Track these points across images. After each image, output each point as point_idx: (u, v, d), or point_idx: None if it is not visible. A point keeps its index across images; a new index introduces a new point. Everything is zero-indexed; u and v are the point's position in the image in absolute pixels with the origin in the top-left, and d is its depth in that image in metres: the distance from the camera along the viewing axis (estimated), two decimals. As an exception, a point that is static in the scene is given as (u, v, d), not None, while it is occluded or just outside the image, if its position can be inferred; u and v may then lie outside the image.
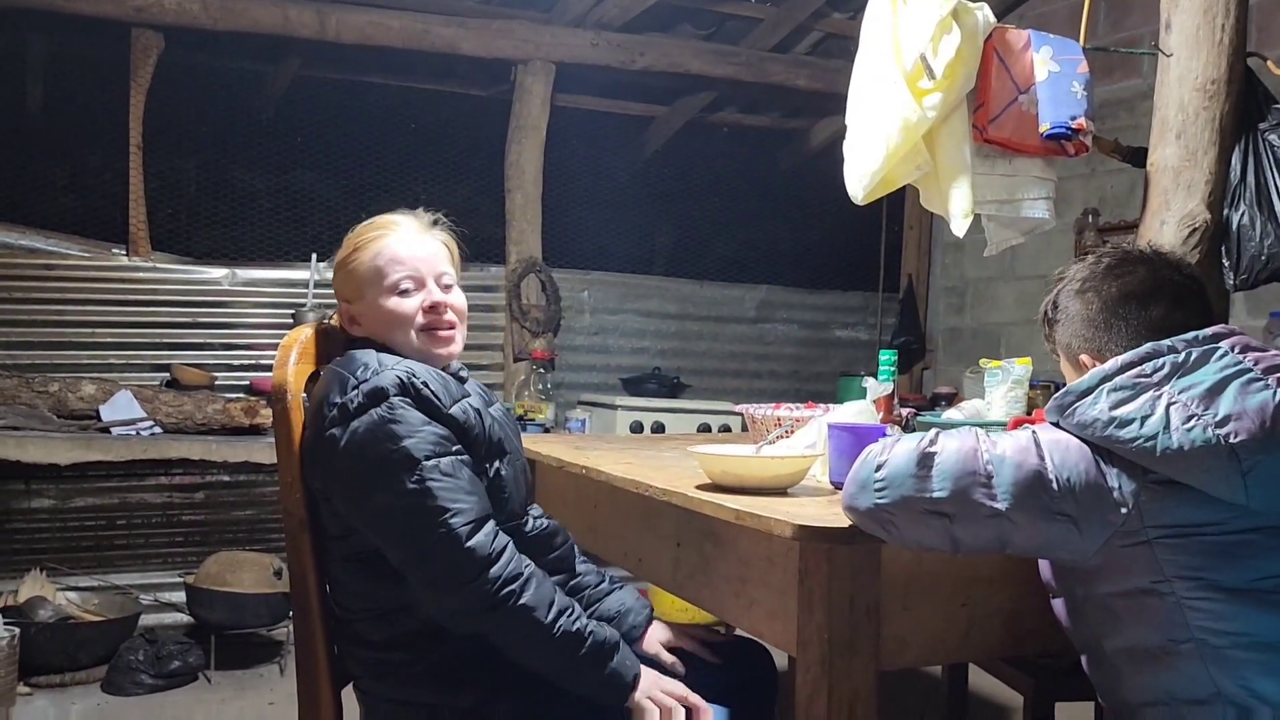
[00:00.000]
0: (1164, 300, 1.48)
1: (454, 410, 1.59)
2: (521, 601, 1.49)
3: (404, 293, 1.68)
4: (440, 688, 1.58)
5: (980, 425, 2.08)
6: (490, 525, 1.51)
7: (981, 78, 2.27)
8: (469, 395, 1.69)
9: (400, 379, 1.54)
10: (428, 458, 1.50)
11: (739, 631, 1.87)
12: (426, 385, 1.57)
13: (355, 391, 1.53)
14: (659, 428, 4.48)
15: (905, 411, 2.25)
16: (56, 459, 3.45)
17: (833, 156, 2.63)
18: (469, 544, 1.47)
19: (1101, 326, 1.51)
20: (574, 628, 1.53)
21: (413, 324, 1.68)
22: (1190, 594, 1.32)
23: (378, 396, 1.52)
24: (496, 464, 1.67)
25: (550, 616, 1.51)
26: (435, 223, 1.79)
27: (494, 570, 1.48)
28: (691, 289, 5.38)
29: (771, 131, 5.75)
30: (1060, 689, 2.35)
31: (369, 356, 1.61)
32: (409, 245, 1.71)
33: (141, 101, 4.14)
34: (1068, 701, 2.37)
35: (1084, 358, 1.54)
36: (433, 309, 1.68)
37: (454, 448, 1.55)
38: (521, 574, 1.50)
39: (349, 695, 1.66)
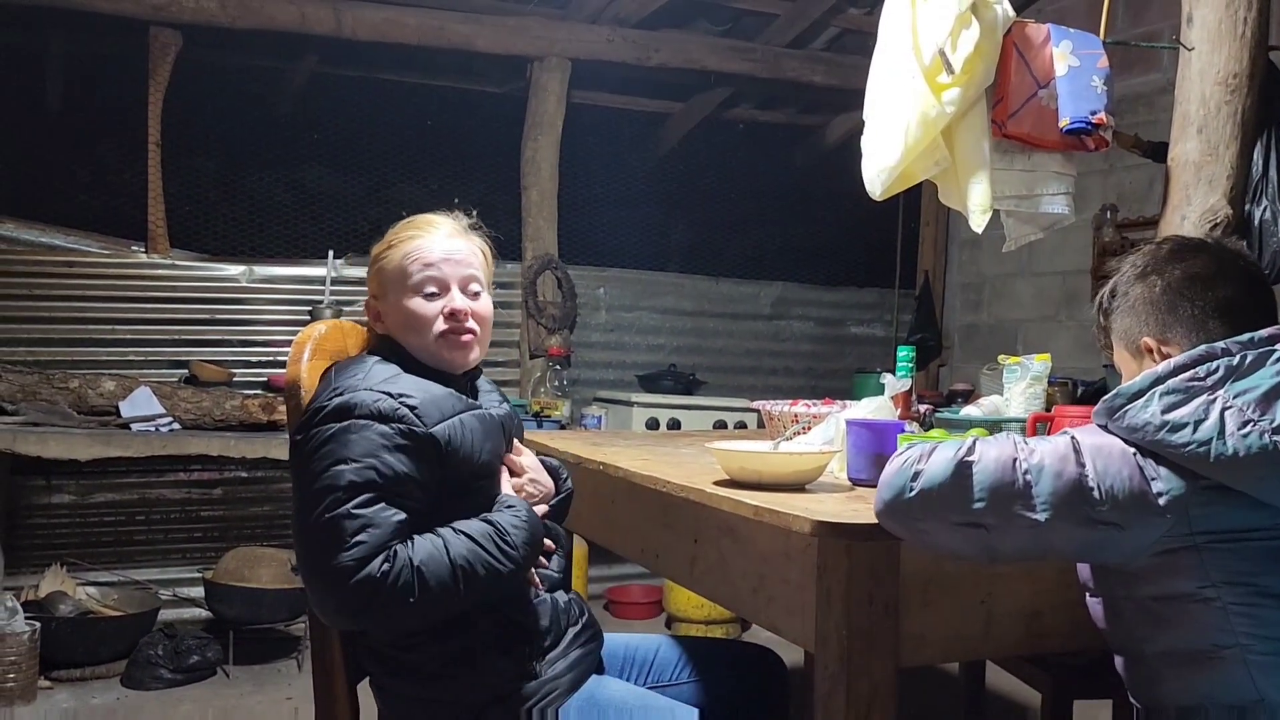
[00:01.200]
0: (1230, 282, 1.44)
1: (437, 429, 1.55)
2: (415, 603, 1.46)
3: (428, 296, 1.67)
4: (455, 685, 1.58)
5: (999, 422, 2.08)
6: (376, 559, 1.44)
7: (1001, 72, 2.26)
8: (474, 409, 1.66)
9: (374, 403, 1.51)
10: (348, 489, 1.46)
11: (746, 637, 1.87)
12: (408, 405, 1.53)
13: (328, 401, 1.53)
14: (675, 424, 4.48)
15: (923, 408, 2.24)
16: (77, 455, 3.48)
17: (849, 152, 2.62)
18: (352, 580, 1.43)
19: (1166, 308, 1.46)
20: (477, 580, 1.50)
21: (431, 328, 1.66)
22: (1237, 599, 1.30)
23: (341, 413, 1.51)
24: (483, 483, 1.65)
25: (448, 592, 1.48)
26: (472, 226, 1.78)
27: (380, 597, 1.44)
28: (707, 286, 5.37)
29: (787, 127, 5.73)
30: (1079, 687, 2.34)
31: (365, 366, 1.61)
32: (440, 248, 1.69)
33: (160, 99, 4.16)
34: (1086, 700, 2.36)
35: (1147, 340, 1.49)
36: (452, 315, 1.67)
37: (390, 485, 1.49)
38: (411, 582, 1.45)
39: (365, 691, 1.67)
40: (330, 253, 4.46)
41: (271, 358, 4.41)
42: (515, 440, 1.79)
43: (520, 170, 4.81)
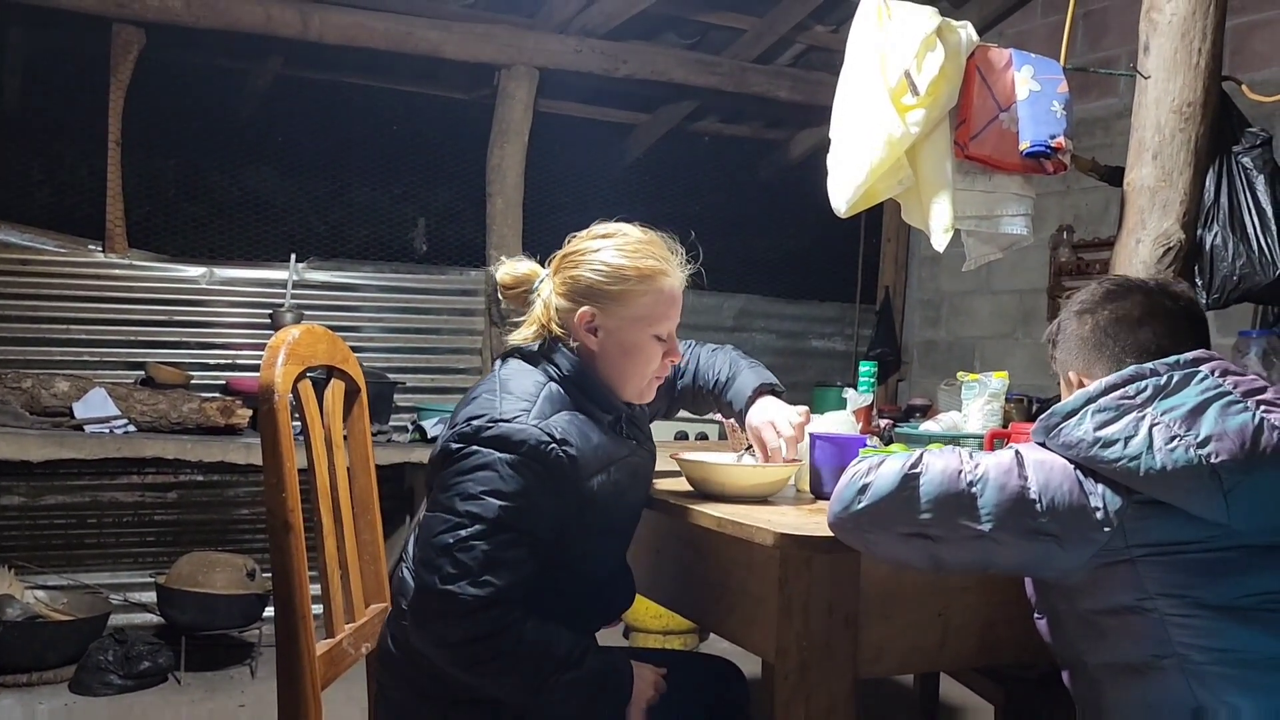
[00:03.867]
0: (1154, 326, 1.50)
1: (591, 482, 1.59)
2: (492, 675, 1.53)
3: (659, 339, 1.69)
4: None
5: (957, 437, 2.12)
6: (499, 609, 1.50)
7: (964, 95, 2.31)
8: (626, 459, 1.68)
9: (540, 445, 1.53)
10: (496, 523, 1.50)
11: (703, 647, 1.89)
12: (569, 456, 1.55)
13: (494, 424, 1.54)
14: (636, 434, 4.48)
15: (884, 423, 2.27)
16: (28, 456, 3.42)
17: (812, 167, 2.66)
18: (465, 618, 1.49)
19: (1092, 346, 1.54)
20: (542, 695, 1.54)
21: (648, 370, 1.70)
22: (1173, 610, 1.34)
23: (506, 444, 1.53)
24: (608, 534, 1.69)
25: (529, 685, 1.54)
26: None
27: (478, 646, 1.50)
28: (670, 296, 5.38)
29: (752, 141, 5.78)
30: (1031, 699, 2.37)
31: (537, 391, 1.60)
32: (678, 292, 1.71)
33: (121, 97, 4.11)
34: (1038, 713, 2.39)
35: (1072, 374, 1.58)
36: (669, 365, 1.72)
37: (533, 526, 1.53)
38: (503, 654, 1.51)
39: (328, 697, 1.66)
40: (292, 256, 4.43)
41: (230, 361, 4.36)
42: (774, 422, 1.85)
43: (486, 178, 4.80)
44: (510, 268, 1.77)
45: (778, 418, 1.86)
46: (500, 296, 1.77)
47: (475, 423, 1.56)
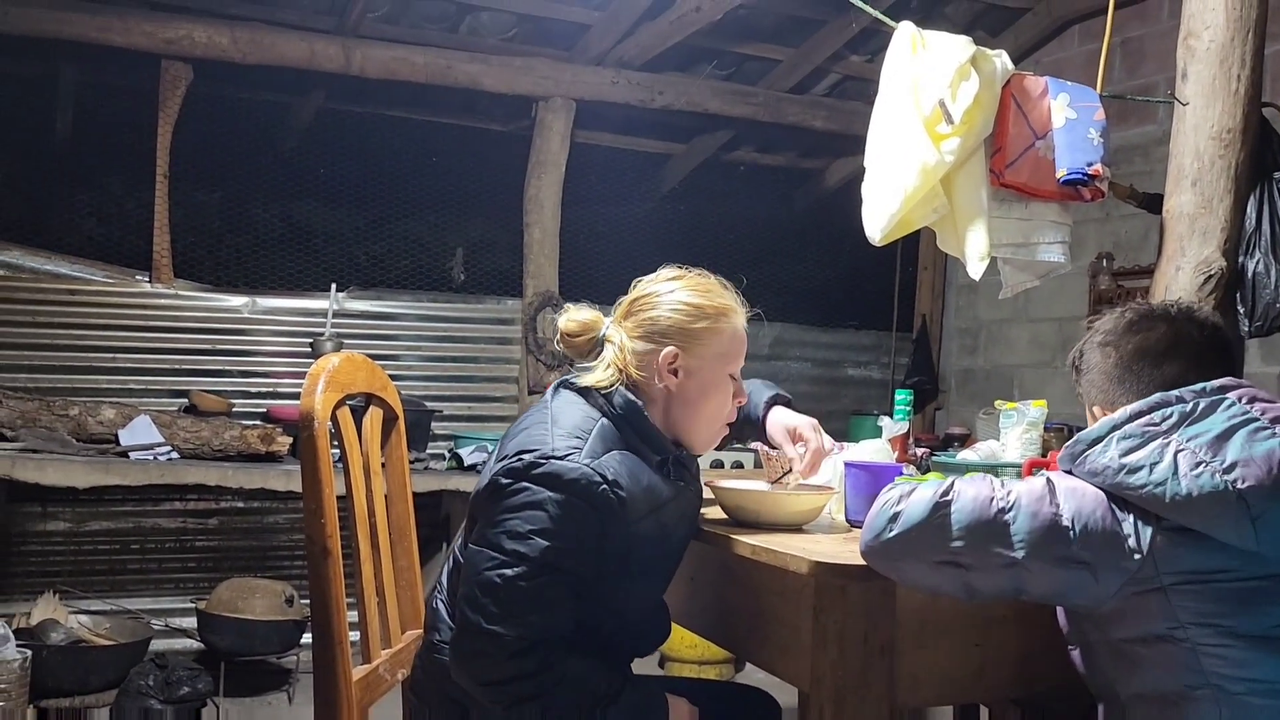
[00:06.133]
0: (1180, 359, 1.48)
1: (637, 526, 1.57)
2: (531, 714, 1.52)
3: (732, 379, 1.71)
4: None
5: (995, 467, 2.10)
6: (542, 651, 1.49)
7: (999, 123, 2.31)
8: (673, 501, 1.66)
9: (591, 485, 1.51)
10: (542, 564, 1.49)
11: (740, 678, 1.88)
12: (619, 498, 1.53)
13: (546, 461, 1.52)
14: (672, 463, 4.48)
15: (920, 451, 2.26)
16: (74, 482, 3.47)
17: (848, 196, 2.66)
18: (509, 658, 1.48)
19: (1116, 380, 1.53)
20: None
21: (721, 415, 1.71)
22: (1206, 640, 1.33)
23: (557, 484, 1.51)
24: (649, 576, 1.68)
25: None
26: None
27: (518, 685, 1.50)
28: (705, 325, 5.39)
29: (787, 171, 5.80)
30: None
31: (589, 428, 1.59)
32: (745, 332, 1.75)
33: (169, 131, 4.20)
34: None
35: (1095, 409, 1.56)
36: (736, 408, 1.74)
37: (578, 567, 1.52)
38: (542, 694, 1.51)
39: (364, 723, 1.67)
40: (333, 286, 4.49)
41: (272, 389, 4.43)
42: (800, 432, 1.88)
43: (523, 208, 4.85)
44: (574, 314, 1.74)
45: (800, 423, 1.89)
46: (561, 345, 1.75)
47: (527, 458, 1.53)
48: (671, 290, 1.70)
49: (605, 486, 1.52)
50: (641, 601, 1.74)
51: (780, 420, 1.93)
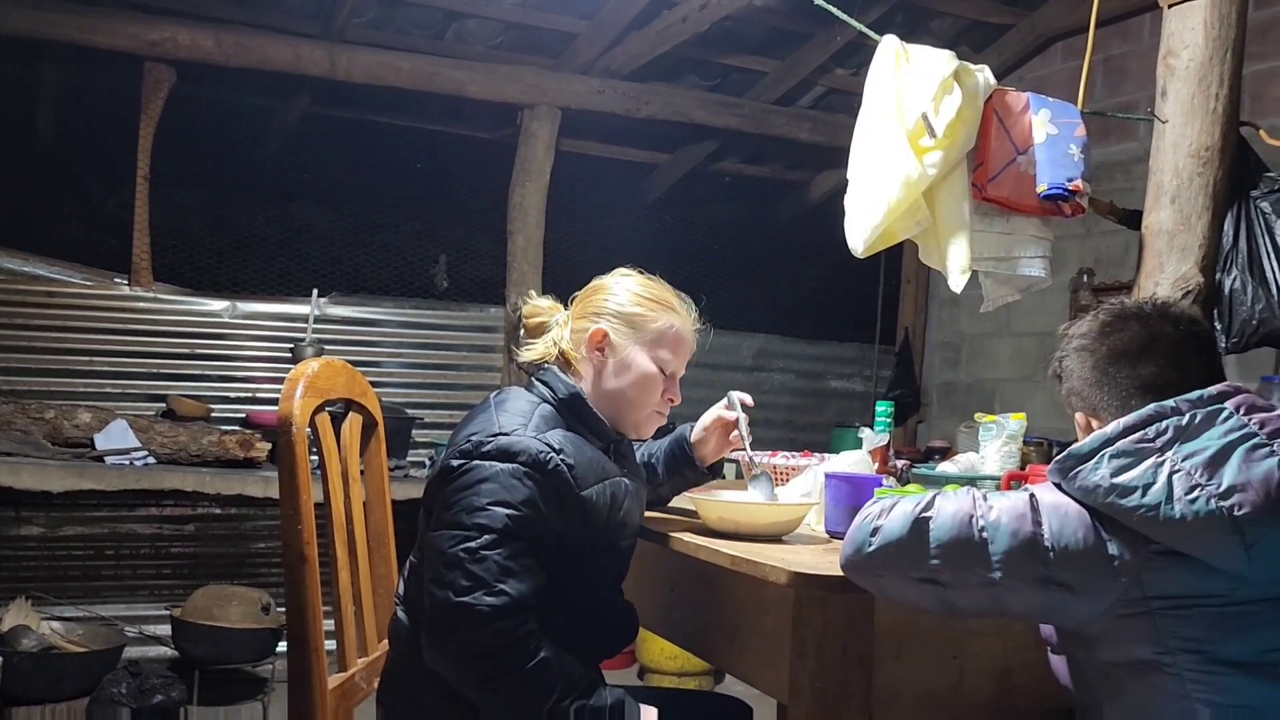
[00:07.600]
0: (1156, 357, 1.43)
1: (588, 492, 1.61)
2: (507, 692, 1.51)
3: (665, 375, 1.75)
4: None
5: (974, 479, 2.10)
6: (516, 618, 1.50)
7: (981, 138, 2.32)
8: (620, 475, 1.71)
9: (539, 455, 1.56)
10: (504, 532, 1.51)
11: (720, 689, 1.88)
12: (567, 465, 1.58)
13: (493, 439, 1.57)
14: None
15: (901, 463, 2.26)
16: (49, 486, 3.44)
17: (832, 209, 2.67)
18: (483, 628, 1.49)
19: (1094, 385, 1.48)
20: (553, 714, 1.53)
21: (647, 402, 1.75)
22: (1192, 666, 1.29)
23: (506, 455, 1.55)
24: (607, 552, 1.70)
25: (540, 707, 1.52)
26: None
27: (496, 658, 1.50)
28: (689, 336, 5.39)
29: (772, 182, 5.81)
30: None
31: (530, 410, 1.65)
32: (692, 339, 1.81)
33: (151, 133, 4.18)
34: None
35: (1079, 416, 1.53)
36: (669, 403, 1.78)
37: (540, 537, 1.55)
38: (520, 667, 1.50)
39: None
40: (314, 291, 4.47)
41: (251, 394, 4.40)
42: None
43: (508, 215, 4.84)
44: (535, 301, 1.86)
45: (711, 411, 1.98)
46: (522, 326, 1.85)
47: (475, 438, 1.58)
48: (619, 281, 1.82)
49: (552, 454, 1.57)
50: (604, 583, 1.74)
51: (705, 418, 2.00)
